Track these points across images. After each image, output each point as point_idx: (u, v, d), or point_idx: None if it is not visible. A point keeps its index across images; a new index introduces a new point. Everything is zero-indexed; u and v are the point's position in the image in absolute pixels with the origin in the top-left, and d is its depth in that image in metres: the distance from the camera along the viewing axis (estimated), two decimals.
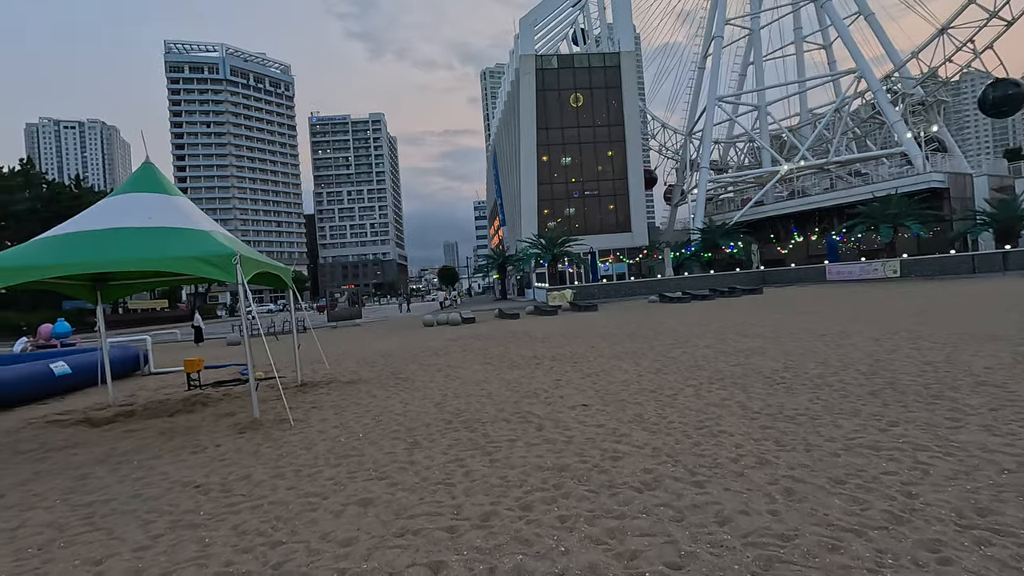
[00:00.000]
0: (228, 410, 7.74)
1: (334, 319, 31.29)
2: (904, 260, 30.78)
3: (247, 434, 6.16)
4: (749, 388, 6.57)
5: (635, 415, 5.68)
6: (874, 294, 21.01)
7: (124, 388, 11.14)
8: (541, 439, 5.07)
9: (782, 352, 9.12)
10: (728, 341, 11.09)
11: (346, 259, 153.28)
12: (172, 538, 3.45)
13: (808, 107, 54.73)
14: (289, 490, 4.20)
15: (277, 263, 8.87)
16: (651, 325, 15.86)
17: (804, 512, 3.11)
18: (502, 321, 23.57)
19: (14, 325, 43.72)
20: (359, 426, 6.16)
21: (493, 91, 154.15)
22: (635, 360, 9.58)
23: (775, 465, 3.91)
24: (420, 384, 8.76)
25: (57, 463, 5.48)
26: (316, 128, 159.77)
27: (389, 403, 7.39)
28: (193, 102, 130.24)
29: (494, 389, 7.83)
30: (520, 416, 6.03)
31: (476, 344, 14.25)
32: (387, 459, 4.81)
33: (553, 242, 39.38)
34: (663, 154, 61.64)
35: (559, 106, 46.53)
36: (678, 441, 4.66)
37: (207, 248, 6.61)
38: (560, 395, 7.04)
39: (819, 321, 13.38)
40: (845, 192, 40.00)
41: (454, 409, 6.67)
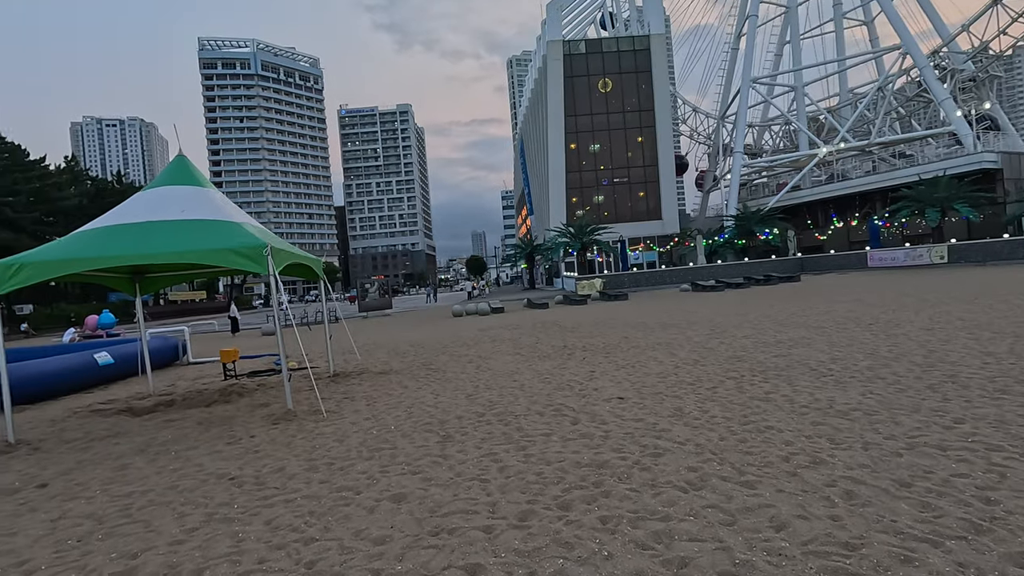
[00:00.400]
0: (263, 400, 7.81)
1: (365, 309, 31.65)
2: (952, 245, 29.32)
3: (281, 425, 6.17)
4: (795, 381, 6.26)
5: (674, 409, 5.46)
6: (921, 281, 20.04)
7: (164, 377, 11.43)
8: (577, 433, 4.90)
9: (827, 343, 8.71)
10: (767, 331, 10.69)
11: (376, 250, 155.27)
12: (207, 532, 3.42)
13: (848, 87, 52.48)
14: (322, 484, 4.14)
15: (308, 254, 8.89)
16: (684, 315, 15.46)
17: (869, 518, 2.87)
18: (531, 311, 23.41)
19: (65, 316, 45.82)
20: (391, 418, 6.10)
21: (520, 79, 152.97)
22: (670, 351, 9.30)
23: (831, 465, 3.65)
24: (451, 375, 8.68)
25: (99, 453, 5.57)
26: (345, 120, 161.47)
27: (420, 394, 7.33)
28: (226, 97, 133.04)
29: (526, 381, 7.69)
30: (554, 409, 5.88)
31: (506, 334, 14.14)
32: (420, 452, 4.72)
33: (582, 230, 38.91)
34: (694, 139, 60.16)
35: (587, 92, 45.76)
36: (722, 437, 4.43)
37: (239, 240, 6.61)
38: (594, 387, 6.85)
39: (863, 310, 12.79)
40: (888, 175, 38.31)
41: (486, 401, 6.55)
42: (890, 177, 37.67)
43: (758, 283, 28.71)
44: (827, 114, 48.35)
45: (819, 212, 44.11)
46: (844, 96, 51.94)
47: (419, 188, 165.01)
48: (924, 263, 29.77)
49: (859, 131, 48.43)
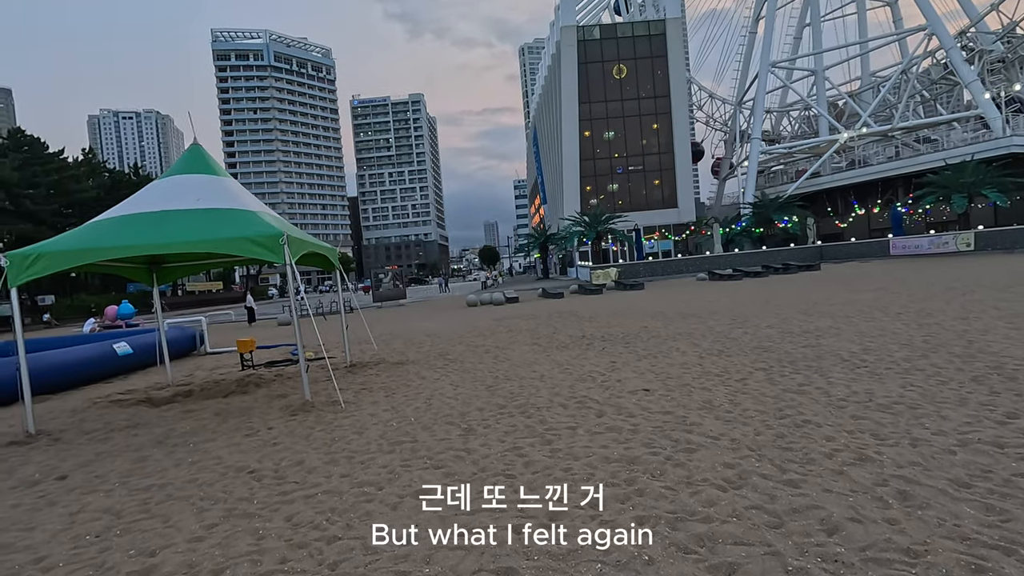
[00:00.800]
0: (280, 391, 7.74)
1: (379, 299, 31.68)
2: (979, 232, 28.50)
3: (299, 416, 6.09)
4: (827, 372, 6.02)
5: (704, 401, 5.26)
6: (947, 269, 19.48)
7: (182, 367, 11.45)
8: (603, 427, 4.73)
9: (856, 332, 8.42)
10: (792, 321, 10.39)
11: (389, 240, 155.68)
12: (226, 528, 3.31)
13: (870, 71, 51.07)
14: (343, 478, 4.03)
15: (324, 243, 8.77)
16: (703, 304, 15.17)
17: (930, 522, 2.67)
18: (546, 301, 23.22)
19: (86, 307, 46.59)
20: (410, 410, 5.98)
21: (532, 67, 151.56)
22: (693, 341, 9.07)
23: (879, 463, 3.44)
24: (469, 366, 8.55)
25: (118, 444, 5.53)
26: (357, 111, 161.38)
27: (439, 385, 7.20)
28: (240, 88, 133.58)
29: (546, 371, 7.53)
30: (577, 401, 5.71)
31: (522, 324, 13.98)
32: (441, 446, 4.59)
33: (597, 219, 38.52)
34: (711, 126, 59.06)
35: (602, 78, 45.08)
36: (758, 432, 4.23)
37: (255, 229, 6.50)
38: (617, 378, 6.67)
39: (890, 298, 12.42)
40: (912, 160, 37.27)
41: (507, 393, 6.41)
42: (914, 162, 36.65)
43: (777, 272, 28.21)
44: (848, 98, 47.13)
45: (839, 199, 43.16)
46: (866, 80, 50.57)
47: (431, 178, 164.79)
48: (949, 251, 29.00)
49: (880, 116, 47.16)
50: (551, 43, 52.74)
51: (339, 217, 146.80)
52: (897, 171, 37.74)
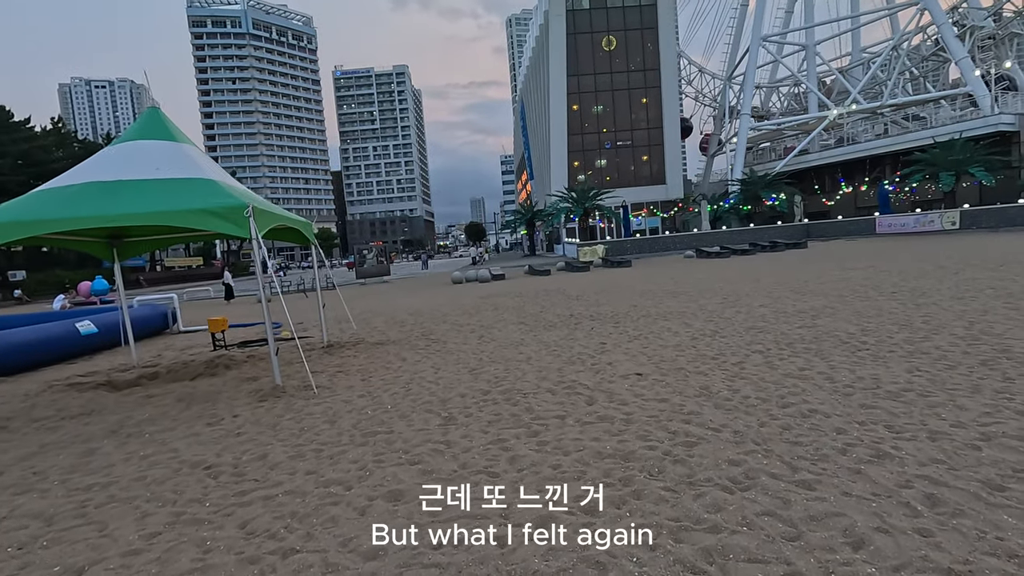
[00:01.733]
0: (251, 374, 7.30)
1: (362, 276, 31.07)
2: (964, 211, 28.55)
3: (268, 403, 5.67)
4: (828, 356, 5.73)
5: (701, 387, 4.93)
6: (934, 247, 19.41)
7: (152, 347, 10.92)
8: (595, 416, 4.38)
9: (852, 312, 8.17)
10: (784, 300, 10.14)
11: (374, 216, 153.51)
12: (170, 538, 2.91)
13: (860, 46, 50.50)
14: (308, 476, 3.64)
15: (296, 216, 8.24)
16: (692, 282, 14.91)
17: (968, 534, 2.36)
18: (533, 278, 22.86)
19: (60, 282, 45.20)
20: (388, 395, 5.59)
21: (519, 39, 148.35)
22: (684, 321, 8.76)
23: (899, 460, 3.13)
24: (452, 347, 8.16)
25: (67, 434, 5.07)
26: (340, 82, 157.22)
27: (420, 368, 6.81)
28: (217, 57, 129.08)
29: (533, 353, 7.17)
30: (566, 386, 5.36)
31: (508, 302, 13.60)
32: (419, 438, 4.21)
33: (584, 195, 38.01)
34: (700, 101, 58.26)
35: (591, 50, 44.02)
36: (762, 423, 3.91)
37: (217, 200, 5.96)
38: (608, 361, 6.33)
39: (881, 277, 12.23)
40: (901, 138, 37.10)
41: (491, 376, 6.04)
42: (902, 140, 36.49)
43: (764, 249, 28.08)
44: (838, 74, 46.65)
45: (827, 177, 43.04)
46: (856, 56, 50.03)
47: (417, 152, 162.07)
48: (935, 229, 29.06)
49: (868, 93, 46.82)
50: (539, 13, 51.30)
51: (322, 192, 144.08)
52: (885, 149, 37.61)
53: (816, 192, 42.97)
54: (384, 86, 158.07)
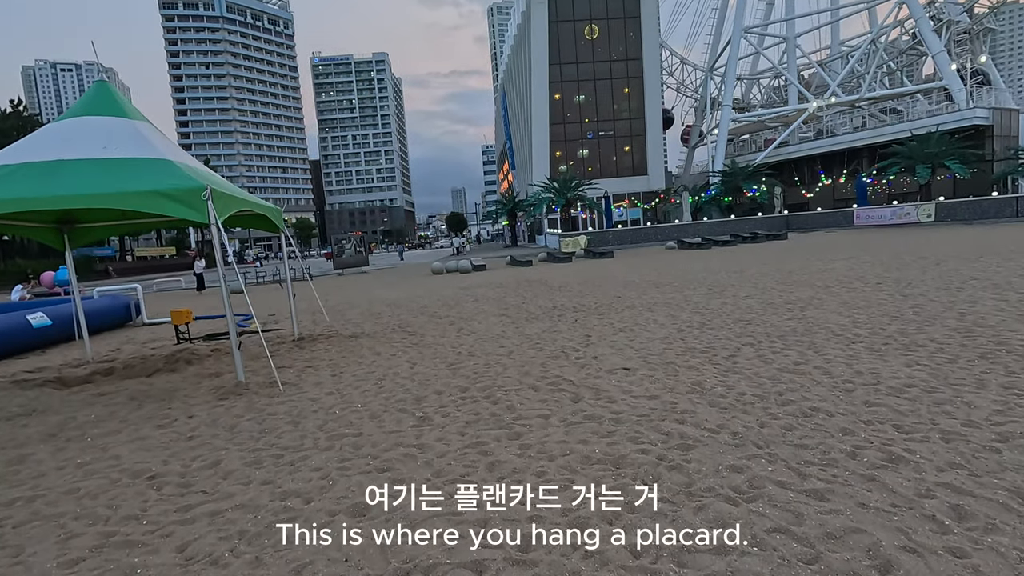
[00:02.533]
0: (214, 369, 6.83)
1: (340, 266, 30.38)
2: (940, 203, 28.97)
3: (228, 401, 5.24)
4: (822, 349, 5.50)
5: (693, 383, 4.65)
6: (912, 239, 19.57)
7: (112, 340, 10.33)
8: (581, 415, 4.06)
9: (840, 304, 8.00)
10: (770, 291, 9.96)
11: (353, 206, 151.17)
12: (93, 566, 2.51)
13: (839, 39, 50.89)
14: (264, 487, 3.25)
15: (262, 202, 7.74)
16: (676, 273, 14.71)
17: (1008, 555, 2.08)
18: (514, 268, 22.51)
19: (22, 272, 43.46)
20: (358, 393, 5.20)
21: (501, 28, 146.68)
22: (670, 312, 8.51)
23: (915, 465, 2.86)
24: (430, 340, 7.78)
25: (0, 438, 4.58)
26: (318, 69, 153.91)
27: (395, 362, 6.42)
28: (190, 41, 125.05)
29: (514, 346, 6.83)
30: (550, 382, 5.03)
31: (489, 293, 13.24)
32: (390, 441, 3.84)
33: (566, 185, 37.69)
34: (681, 92, 58.30)
35: (573, 39, 43.51)
36: (762, 423, 3.62)
37: (171, 181, 5.47)
38: (593, 355, 6.02)
39: (864, 268, 12.16)
40: (878, 131, 37.52)
41: (470, 372, 5.68)
42: (880, 133, 36.91)
43: (745, 241, 28.15)
44: (817, 67, 46.95)
45: (806, 169, 43.39)
46: (835, 49, 50.42)
47: (397, 142, 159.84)
48: (911, 221, 29.45)
49: (847, 87, 47.24)
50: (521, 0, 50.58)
51: (300, 181, 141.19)
52: (863, 141, 37.99)
53: (796, 184, 43.32)
54: (363, 74, 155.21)
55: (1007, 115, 33.70)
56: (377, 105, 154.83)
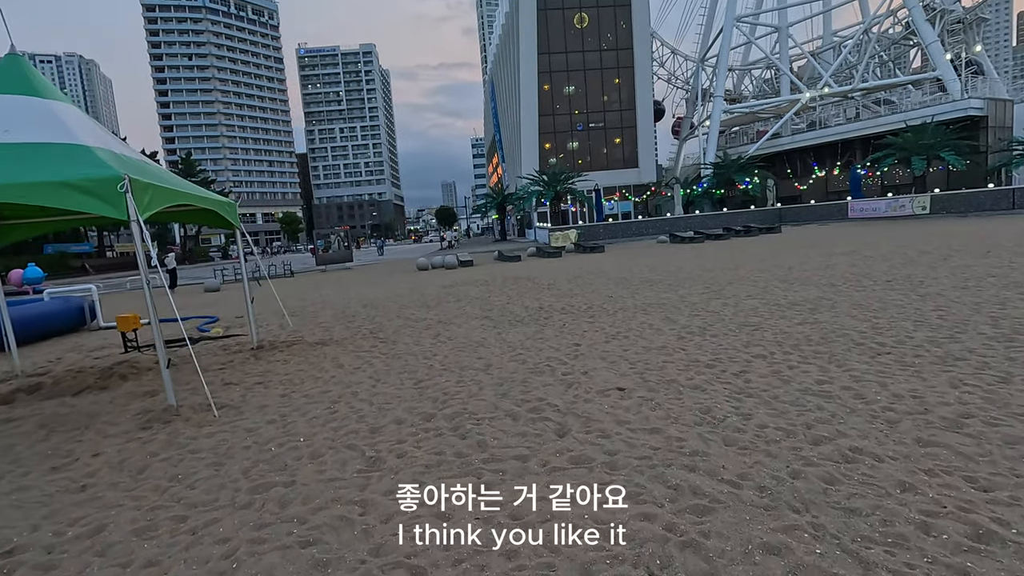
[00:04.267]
0: (151, 386, 5.98)
1: (323, 262, 29.40)
2: (935, 196, 28.50)
3: (150, 431, 4.42)
4: (845, 362, 4.77)
5: (701, 410, 3.89)
6: (909, 232, 18.99)
7: (56, 348, 9.43)
8: (567, 457, 3.29)
9: (853, 305, 7.29)
10: (773, 290, 9.25)
11: (341, 200, 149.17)
12: None
13: (832, 29, 50.31)
14: (146, 571, 2.45)
15: (211, 194, 6.86)
16: (669, 269, 14.00)
17: None
18: (502, 264, 21.71)
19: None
20: (305, 421, 4.39)
21: (490, 20, 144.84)
22: (667, 315, 7.76)
23: (1015, 546, 2.12)
24: (402, 348, 6.98)
25: None
26: (304, 61, 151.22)
27: (356, 378, 5.62)
28: (172, 32, 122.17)
29: (494, 357, 6.04)
30: (531, 408, 4.25)
31: (473, 292, 12.44)
32: (327, 495, 3.05)
33: (556, 178, 36.85)
34: (672, 83, 57.46)
35: (562, 28, 42.52)
36: (794, 472, 2.87)
37: (81, 171, 4.60)
38: (582, 369, 5.25)
39: (868, 264, 11.49)
40: (872, 122, 36.99)
41: (440, 392, 4.89)
42: (874, 124, 36.37)
43: (738, 234, 27.57)
44: (810, 57, 46.36)
45: (798, 161, 42.85)
46: (827, 39, 49.83)
47: (385, 134, 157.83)
48: (906, 214, 28.97)
49: (839, 77, 46.71)
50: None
51: (287, 175, 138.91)
52: (857, 132, 37.47)
53: (788, 176, 42.79)
54: (351, 65, 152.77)
55: (1001, 106, 33.28)
56: (365, 97, 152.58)
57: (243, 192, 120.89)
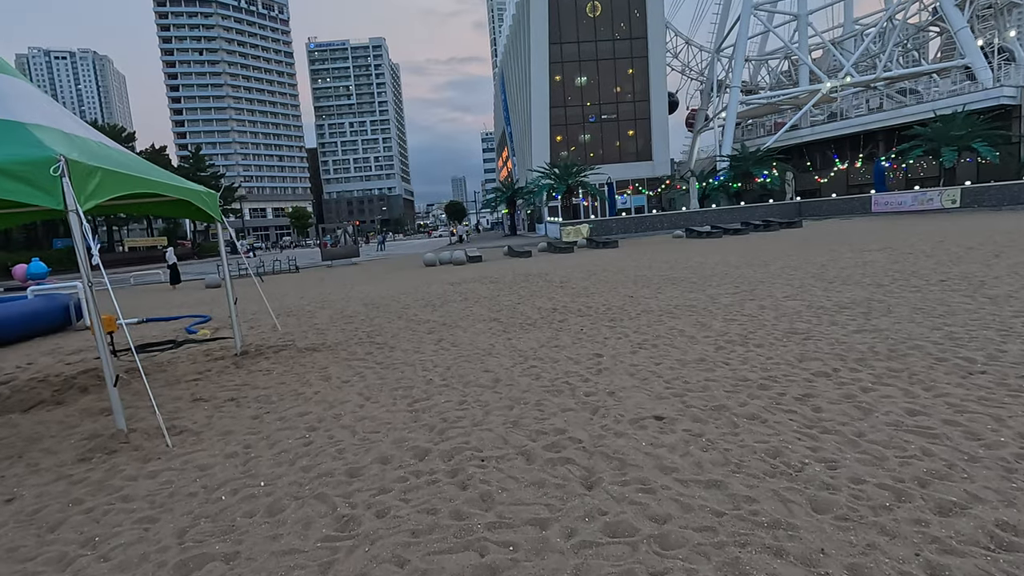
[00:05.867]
0: (107, 404, 5.23)
1: (329, 257, 28.75)
2: (965, 188, 27.16)
3: (88, 464, 3.67)
4: (931, 383, 3.89)
5: (768, 452, 3.03)
6: (944, 227, 17.86)
7: (32, 351, 8.75)
8: (601, 527, 2.46)
9: (913, 309, 6.38)
10: (812, 290, 8.34)
11: (351, 194, 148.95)
12: None
13: (853, 17, 48.66)
14: None
15: (189, 185, 6.07)
16: (690, 266, 13.08)
17: None
18: (512, 260, 20.88)
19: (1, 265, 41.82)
20: (271, 455, 3.60)
21: (500, 13, 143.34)
22: (698, 320, 6.89)
23: None
24: (399, 357, 6.18)
25: None
26: (314, 55, 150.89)
27: (343, 396, 4.83)
28: (183, 27, 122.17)
29: (503, 370, 5.23)
30: (549, 444, 3.42)
31: (482, 290, 11.63)
32: (279, 573, 2.25)
33: (567, 171, 35.86)
34: (686, 75, 56.05)
35: (575, 16, 41.38)
36: (930, 564, 2.02)
37: (5, 150, 3.83)
38: (608, 388, 4.41)
39: (912, 260, 10.51)
40: (897, 112, 35.54)
41: (438, 416, 4.08)
42: (899, 114, 34.93)
43: (757, 229, 26.48)
44: (831, 46, 44.81)
45: (818, 153, 41.47)
46: (848, 28, 48.21)
47: (395, 129, 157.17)
48: (934, 207, 27.67)
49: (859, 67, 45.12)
50: None
51: (297, 170, 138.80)
52: (882, 123, 36.05)
53: (808, 169, 41.43)
54: (360, 60, 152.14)
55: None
56: (375, 92, 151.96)
57: (253, 187, 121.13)
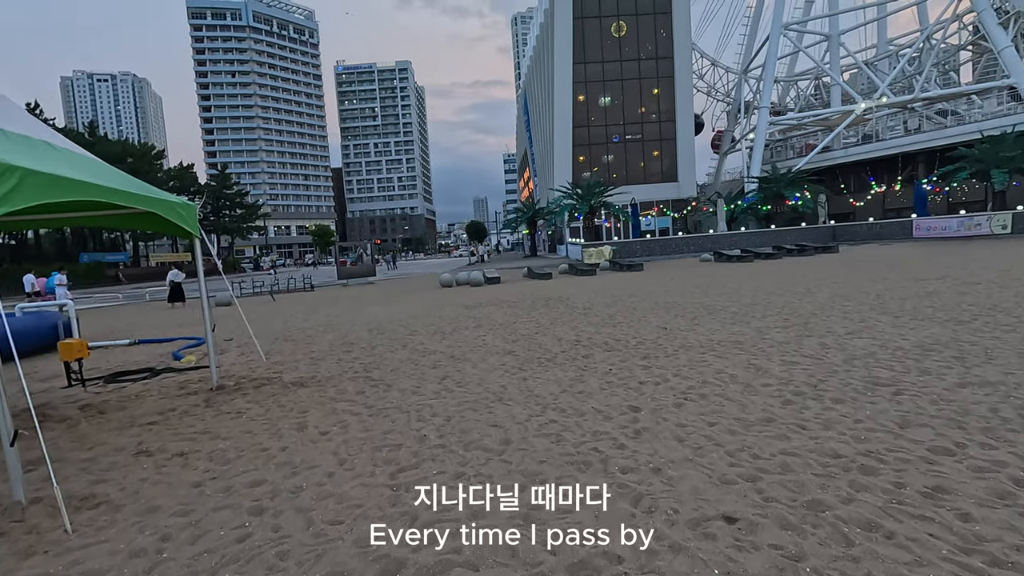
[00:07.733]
0: (38, 454, 4.34)
1: (344, 276, 28.16)
2: (1017, 213, 25.48)
3: None
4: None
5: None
6: (1002, 254, 16.36)
7: (9, 375, 7.97)
8: None
9: (1017, 355, 5.19)
10: (877, 326, 7.15)
11: (374, 213, 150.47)
12: None
13: (887, 38, 47.38)
14: None
15: (160, 195, 5.25)
16: (725, 292, 11.93)
17: None
18: (532, 282, 19.92)
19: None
20: (190, 557, 2.62)
21: (524, 38, 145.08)
22: (749, 359, 5.79)
23: None
24: (393, 400, 5.21)
25: None
26: (342, 78, 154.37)
27: (313, 456, 3.85)
28: (217, 50, 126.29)
29: (515, 427, 4.20)
30: (578, 562, 2.38)
31: (498, 316, 10.66)
32: None
33: (590, 191, 34.98)
34: (712, 96, 55.14)
35: (599, 36, 40.92)
36: None
37: None
38: (651, 462, 3.36)
39: (982, 292, 9.23)
40: (938, 133, 34.00)
41: (422, 505, 3.06)
42: (941, 136, 33.38)
43: (791, 253, 25.11)
44: (864, 67, 43.51)
45: (852, 176, 39.93)
46: (882, 48, 46.92)
47: (419, 150, 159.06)
48: (982, 233, 25.99)
49: (894, 88, 43.72)
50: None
51: (322, 189, 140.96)
52: (921, 145, 34.52)
53: (842, 192, 39.86)
54: (386, 82, 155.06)
55: None
56: (399, 113, 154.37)
57: (279, 205, 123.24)
